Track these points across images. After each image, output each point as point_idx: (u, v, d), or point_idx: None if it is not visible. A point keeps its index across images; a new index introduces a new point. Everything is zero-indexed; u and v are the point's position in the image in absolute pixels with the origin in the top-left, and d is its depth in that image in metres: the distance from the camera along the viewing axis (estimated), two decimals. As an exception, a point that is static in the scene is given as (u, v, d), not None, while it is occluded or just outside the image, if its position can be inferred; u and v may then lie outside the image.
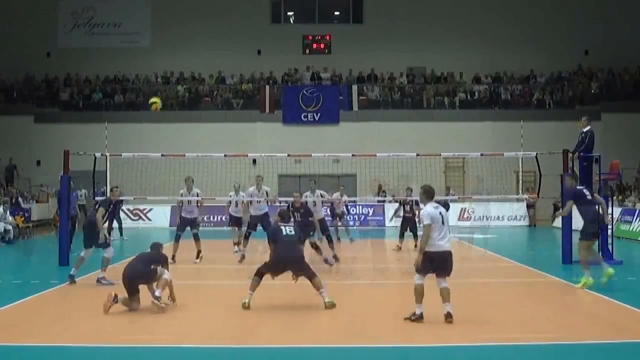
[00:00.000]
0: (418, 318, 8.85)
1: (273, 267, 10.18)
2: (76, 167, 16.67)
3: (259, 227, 16.29)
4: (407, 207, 19.02)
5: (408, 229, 18.97)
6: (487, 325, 9.02)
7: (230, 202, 18.05)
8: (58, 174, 16.51)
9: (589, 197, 12.37)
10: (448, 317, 8.88)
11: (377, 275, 14.32)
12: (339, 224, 21.22)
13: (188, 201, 16.10)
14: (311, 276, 10.10)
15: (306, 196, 17.18)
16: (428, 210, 9.01)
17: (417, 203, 18.57)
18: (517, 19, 33.36)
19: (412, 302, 9.02)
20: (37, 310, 10.16)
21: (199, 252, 15.85)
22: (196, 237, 15.94)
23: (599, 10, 33.01)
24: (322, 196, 16.32)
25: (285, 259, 10.11)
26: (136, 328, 8.98)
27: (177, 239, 16.06)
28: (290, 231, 10.49)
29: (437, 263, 8.93)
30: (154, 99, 16.46)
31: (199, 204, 16.23)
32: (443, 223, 8.92)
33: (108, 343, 8.12)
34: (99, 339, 8.27)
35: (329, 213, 21.20)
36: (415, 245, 18.00)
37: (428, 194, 9.23)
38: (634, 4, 32.97)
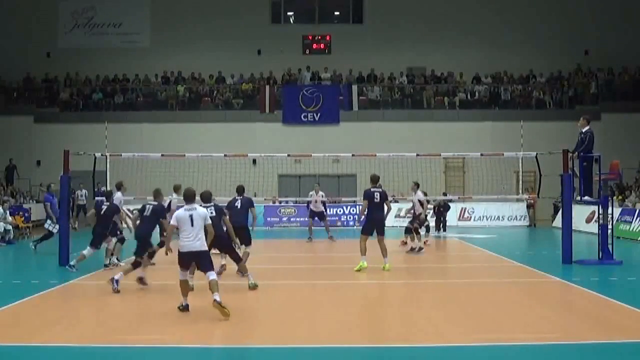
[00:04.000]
0: (184, 308, 9.54)
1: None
2: (76, 167, 16.68)
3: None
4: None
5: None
6: (487, 325, 9.03)
7: None
8: (58, 174, 16.51)
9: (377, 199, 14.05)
10: (216, 305, 9.30)
11: (376, 275, 14.31)
12: (322, 223, 21.87)
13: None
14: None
15: (311, 195, 18.73)
16: (178, 212, 9.75)
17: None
18: (517, 19, 33.35)
19: (412, 301, 9.02)
20: (37, 310, 10.16)
21: None
22: None
23: (598, 10, 32.98)
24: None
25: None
26: (136, 328, 8.99)
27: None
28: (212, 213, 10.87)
29: (190, 260, 9.70)
30: None
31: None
32: (192, 225, 9.50)
33: (108, 343, 8.12)
34: (99, 339, 8.27)
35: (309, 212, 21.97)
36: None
37: (186, 198, 9.86)
38: (633, 4, 32.97)
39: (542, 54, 32.87)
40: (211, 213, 11.01)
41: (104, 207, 14.07)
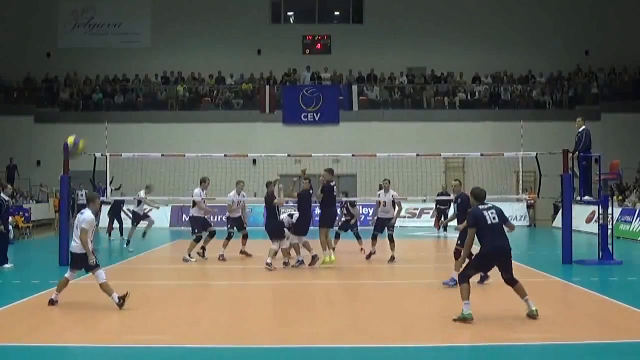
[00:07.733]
0: (51, 302, 10.13)
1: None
2: (76, 167, 16.67)
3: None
4: (345, 210, 17.46)
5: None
6: (488, 325, 9.02)
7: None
8: (58, 174, 16.51)
9: None
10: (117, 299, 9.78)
11: (375, 275, 14.31)
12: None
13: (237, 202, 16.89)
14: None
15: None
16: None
17: (352, 205, 17.61)
18: (517, 19, 33.37)
19: (412, 300, 9.01)
20: (37, 310, 10.15)
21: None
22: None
23: (598, 11, 33.01)
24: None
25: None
26: (135, 328, 8.98)
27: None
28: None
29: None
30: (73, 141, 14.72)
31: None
32: (76, 228, 9.98)
33: (107, 343, 8.12)
34: (99, 339, 8.26)
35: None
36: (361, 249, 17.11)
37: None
38: (633, 4, 32.97)
39: (542, 54, 32.88)
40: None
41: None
